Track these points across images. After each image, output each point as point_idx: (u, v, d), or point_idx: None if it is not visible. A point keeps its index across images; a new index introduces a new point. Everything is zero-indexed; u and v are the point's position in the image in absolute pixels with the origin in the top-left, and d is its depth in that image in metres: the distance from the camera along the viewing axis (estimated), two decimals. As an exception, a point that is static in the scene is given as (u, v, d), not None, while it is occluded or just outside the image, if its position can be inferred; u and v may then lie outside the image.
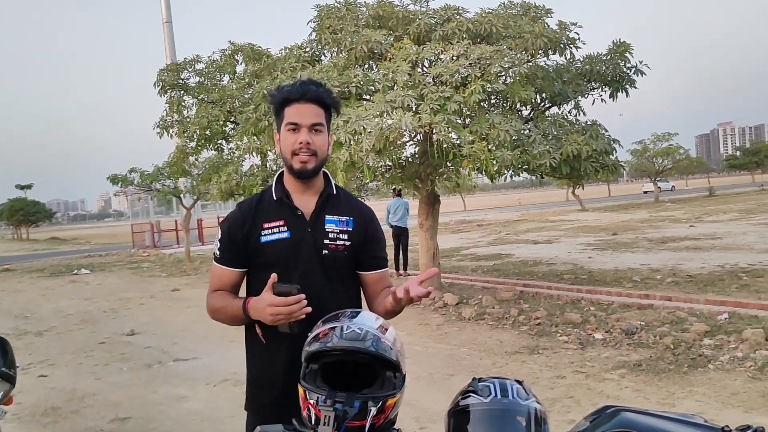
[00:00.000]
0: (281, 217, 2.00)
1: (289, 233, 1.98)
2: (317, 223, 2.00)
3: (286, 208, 2.01)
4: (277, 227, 1.98)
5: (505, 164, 7.80)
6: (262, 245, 1.98)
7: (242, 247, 2.01)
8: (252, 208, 2.04)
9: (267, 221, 2.00)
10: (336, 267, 2.01)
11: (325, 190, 2.06)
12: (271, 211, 2.01)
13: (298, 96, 1.95)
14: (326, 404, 1.52)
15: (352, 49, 8.85)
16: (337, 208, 2.04)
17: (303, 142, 1.93)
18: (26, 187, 61.69)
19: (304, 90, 1.95)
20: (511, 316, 8.08)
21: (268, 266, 1.93)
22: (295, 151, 1.94)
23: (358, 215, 2.06)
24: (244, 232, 2.00)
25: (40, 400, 5.83)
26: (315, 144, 1.95)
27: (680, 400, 4.86)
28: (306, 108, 1.95)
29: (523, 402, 1.62)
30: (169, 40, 30.62)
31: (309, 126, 1.94)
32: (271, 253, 1.98)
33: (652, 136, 40.39)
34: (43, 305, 12.54)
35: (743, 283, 9.14)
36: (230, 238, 2.03)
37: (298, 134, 1.94)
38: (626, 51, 9.63)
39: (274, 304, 1.80)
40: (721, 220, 21.39)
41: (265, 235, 1.98)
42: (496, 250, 16.97)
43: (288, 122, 1.95)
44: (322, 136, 1.98)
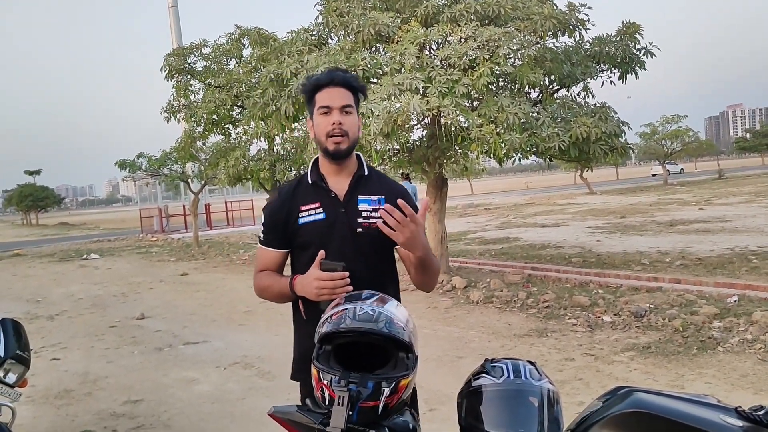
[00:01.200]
0: (317, 199, 2.10)
1: (324, 214, 2.08)
2: (350, 204, 2.08)
3: (321, 191, 2.11)
4: (313, 209, 2.09)
5: (514, 147, 7.76)
6: (300, 227, 2.10)
7: (283, 229, 2.13)
8: (290, 192, 2.16)
9: (304, 204, 2.11)
10: (370, 245, 2.08)
11: (358, 171, 2.15)
12: (307, 194, 2.13)
13: (327, 81, 2.06)
14: (340, 385, 1.53)
15: (359, 32, 8.79)
16: (369, 187, 2.13)
17: (336, 123, 2.03)
18: (35, 172, 62.02)
19: (332, 76, 2.07)
20: (520, 299, 8.09)
21: (306, 247, 2.07)
22: (328, 133, 2.04)
23: (389, 193, 2.11)
24: (283, 215, 2.12)
25: (53, 383, 5.91)
26: (346, 124, 2.05)
27: (689, 382, 4.86)
28: (335, 91, 2.06)
29: (536, 383, 1.62)
30: (175, 25, 30.50)
31: (339, 108, 2.04)
32: (308, 234, 2.09)
33: (661, 118, 40.04)
34: (54, 290, 12.65)
35: (753, 265, 9.10)
36: (272, 221, 2.16)
37: (330, 116, 2.04)
38: (636, 32, 9.52)
39: (320, 278, 1.91)
40: (730, 202, 21.26)
41: (303, 217, 2.10)
42: (504, 234, 16.95)
43: (320, 106, 2.06)
44: (352, 117, 2.07)
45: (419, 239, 1.92)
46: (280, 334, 7.39)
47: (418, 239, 1.91)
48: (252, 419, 4.60)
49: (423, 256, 1.97)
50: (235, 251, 17.82)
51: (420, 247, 1.94)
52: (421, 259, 1.98)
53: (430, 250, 2.03)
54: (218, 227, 30.08)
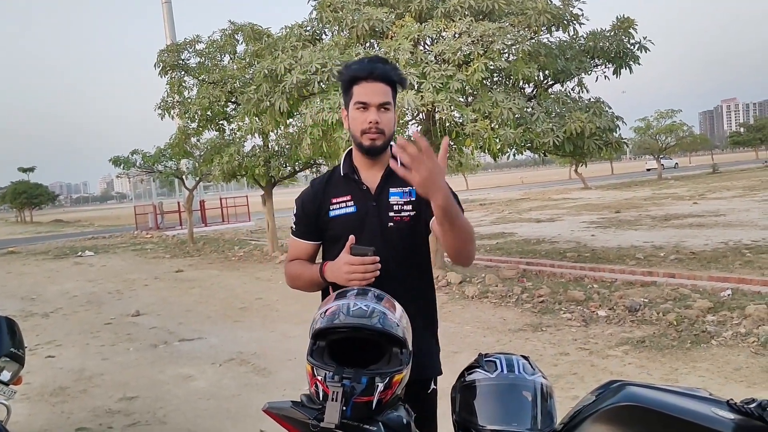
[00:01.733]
0: (348, 192, 2.07)
1: (355, 207, 2.05)
2: (381, 197, 2.04)
3: (353, 184, 2.07)
4: (344, 202, 2.06)
5: (508, 142, 7.78)
6: (331, 219, 2.07)
7: (314, 220, 2.10)
8: (323, 184, 2.13)
9: (335, 196, 2.08)
10: (402, 239, 2.04)
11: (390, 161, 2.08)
12: (339, 187, 2.09)
13: (366, 75, 1.97)
14: (334, 380, 1.54)
15: (353, 27, 8.78)
16: (400, 179, 1.94)
17: (372, 122, 1.96)
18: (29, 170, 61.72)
19: (372, 68, 1.97)
20: (515, 294, 8.11)
21: (337, 239, 2.02)
22: (364, 130, 1.98)
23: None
24: (315, 207, 2.10)
25: (48, 380, 5.90)
26: (383, 123, 1.98)
27: (683, 375, 4.89)
28: (374, 87, 1.97)
29: (529, 377, 1.63)
30: (169, 20, 30.38)
31: (377, 105, 1.97)
32: (338, 226, 2.05)
33: (656, 113, 40.24)
34: (49, 287, 12.61)
35: (747, 259, 9.14)
36: (304, 212, 2.13)
37: (367, 113, 1.97)
38: (630, 27, 9.54)
39: (351, 263, 1.87)
40: (724, 197, 21.34)
41: (333, 210, 2.06)
42: (499, 229, 16.98)
43: (357, 101, 1.98)
44: (389, 114, 2.00)
45: (438, 181, 1.66)
46: (276, 331, 7.40)
47: (436, 180, 1.66)
48: (248, 415, 4.61)
49: (446, 206, 1.71)
50: (231, 248, 17.80)
51: (441, 191, 1.67)
52: (444, 210, 1.72)
53: (456, 204, 1.79)
54: (213, 224, 30.00)
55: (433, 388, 2.08)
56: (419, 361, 1.99)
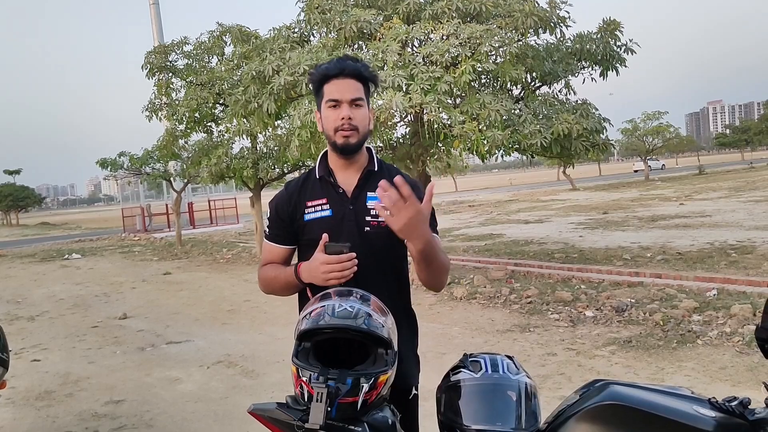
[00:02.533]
0: (324, 195, 2.02)
1: (331, 211, 1.99)
2: (359, 200, 1.99)
3: (329, 186, 2.02)
4: (320, 205, 2.01)
5: (496, 144, 7.80)
6: (306, 223, 2.01)
7: (289, 224, 2.05)
8: (297, 187, 2.08)
9: (311, 199, 2.02)
10: (379, 243, 1.98)
11: (368, 166, 2.04)
12: (315, 190, 2.04)
13: (336, 72, 1.94)
14: (319, 381, 1.53)
15: (341, 29, 8.78)
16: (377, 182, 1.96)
17: (345, 118, 1.92)
18: (14, 172, 61.19)
19: (342, 66, 1.95)
20: (503, 296, 8.14)
21: (312, 244, 1.94)
22: (337, 128, 1.94)
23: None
24: (290, 211, 2.05)
25: (33, 384, 5.84)
26: (356, 119, 1.94)
27: (669, 375, 4.93)
28: (345, 83, 1.94)
29: (514, 377, 1.64)
30: (157, 22, 30.23)
31: (349, 101, 1.93)
32: (314, 230, 1.98)
33: (643, 114, 40.52)
34: (35, 290, 12.51)
35: (732, 259, 9.23)
36: (278, 216, 2.07)
37: (339, 110, 1.93)
38: (616, 29, 9.60)
39: (327, 262, 1.83)
40: (710, 197, 21.52)
41: (309, 213, 2.01)
42: (488, 230, 17.03)
43: (328, 99, 1.95)
44: (362, 110, 1.97)
45: (419, 228, 1.72)
46: (264, 333, 7.38)
47: (417, 227, 1.72)
48: (235, 418, 4.59)
49: (424, 249, 1.78)
50: (219, 250, 17.73)
51: (420, 238, 1.75)
52: (422, 253, 1.79)
53: (436, 244, 1.85)
54: (201, 226, 29.87)
55: (414, 393, 2.05)
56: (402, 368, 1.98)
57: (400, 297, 2.06)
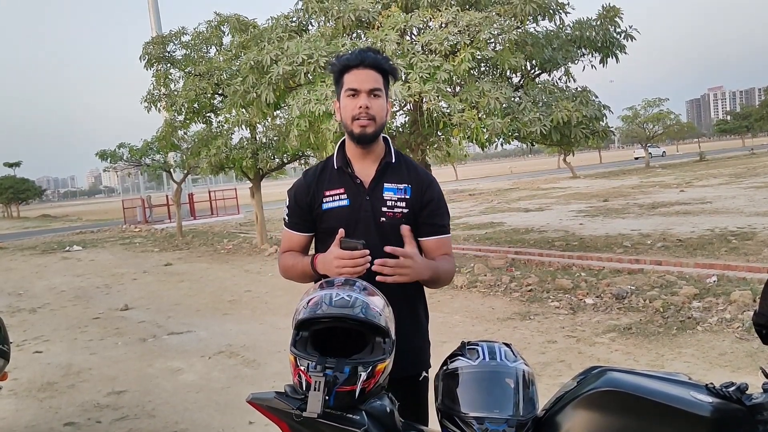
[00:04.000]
0: (342, 184, 2.06)
1: (348, 201, 2.04)
2: (375, 191, 2.03)
3: (347, 176, 2.06)
4: (337, 195, 2.05)
5: (496, 132, 7.78)
6: (324, 212, 2.06)
7: (307, 212, 2.10)
8: (316, 176, 2.12)
9: (329, 189, 2.07)
10: (394, 234, 2.02)
11: (385, 158, 2.08)
12: (332, 179, 2.08)
13: (356, 63, 1.98)
14: (316, 370, 1.54)
15: (339, 17, 8.74)
16: (396, 175, 2.07)
17: (362, 107, 1.96)
18: (15, 164, 61.14)
19: (363, 57, 1.98)
20: (503, 284, 8.15)
21: (330, 232, 2.00)
22: (354, 116, 1.97)
23: (416, 182, 2.08)
24: (308, 199, 2.09)
25: (36, 376, 5.87)
26: (373, 109, 1.97)
27: (669, 361, 4.94)
28: (364, 74, 1.97)
29: (511, 364, 1.64)
30: (155, 12, 30.10)
31: (367, 91, 1.96)
32: (331, 219, 2.04)
33: (643, 101, 40.36)
34: (36, 282, 12.53)
35: (732, 246, 9.23)
36: (297, 204, 2.12)
37: (357, 99, 1.97)
38: (616, 16, 9.55)
39: (341, 257, 1.87)
40: (711, 184, 21.50)
41: (327, 202, 2.06)
42: (488, 219, 17.03)
43: (347, 88, 1.98)
44: (380, 101, 2.00)
45: (419, 270, 1.93)
46: (265, 323, 7.40)
47: (418, 271, 1.93)
48: (237, 407, 4.61)
49: (430, 278, 1.99)
50: (220, 241, 17.74)
51: (424, 274, 1.96)
52: (429, 280, 2.01)
53: (436, 269, 2.02)
54: (202, 217, 29.89)
55: (424, 375, 2.12)
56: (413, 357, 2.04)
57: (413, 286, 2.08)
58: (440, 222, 2.10)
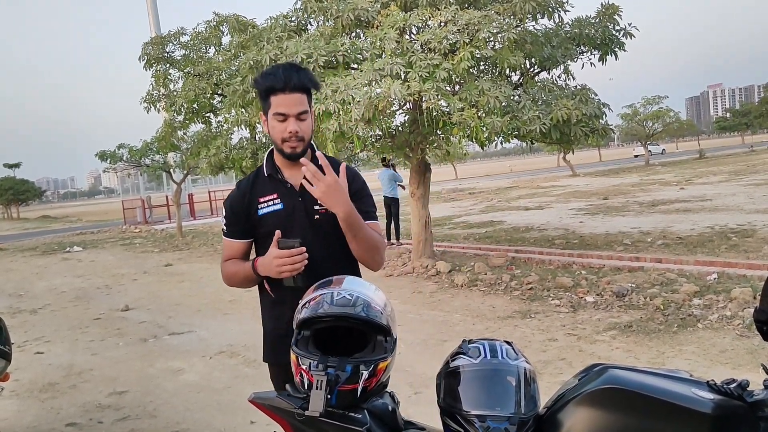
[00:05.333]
0: (274, 190, 2.18)
1: (282, 205, 2.16)
2: (306, 193, 2.09)
3: (278, 182, 2.19)
4: (271, 200, 2.17)
5: (495, 131, 7.77)
6: (260, 217, 2.18)
7: (244, 220, 2.21)
8: (249, 185, 2.24)
9: (262, 195, 2.19)
10: (329, 228, 2.12)
11: (311, 161, 2.15)
12: (265, 186, 2.20)
13: (282, 86, 2.05)
14: (318, 369, 1.54)
15: (338, 17, 8.73)
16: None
17: (292, 132, 2.06)
18: (14, 165, 61.15)
19: (287, 79, 2.05)
20: (503, 282, 8.15)
21: (268, 236, 2.11)
22: (285, 139, 2.08)
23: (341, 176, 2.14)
24: (243, 207, 2.20)
25: (37, 377, 5.87)
26: (302, 131, 2.08)
27: (670, 359, 4.94)
28: (291, 98, 2.06)
29: (513, 362, 1.64)
30: (153, 13, 30.09)
31: (296, 115, 2.07)
32: (268, 223, 2.15)
33: (642, 99, 40.37)
34: (37, 283, 12.53)
35: (732, 243, 9.23)
36: (233, 213, 2.23)
37: (286, 123, 2.07)
38: (615, 13, 9.54)
39: (279, 256, 1.98)
40: (711, 182, 21.49)
41: (262, 208, 2.17)
42: (488, 218, 17.03)
43: (276, 112, 2.07)
44: (307, 121, 2.11)
45: (337, 197, 1.98)
46: (266, 322, 7.40)
47: (335, 194, 1.97)
48: (238, 407, 4.61)
49: (346, 218, 2.00)
50: (220, 241, 17.68)
51: (341, 206, 1.98)
52: (346, 222, 2.01)
53: (357, 214, 2.04)
54: (202, 217, 29.89)
55: None
56: None
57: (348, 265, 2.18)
58: (365, 208, 2.17)
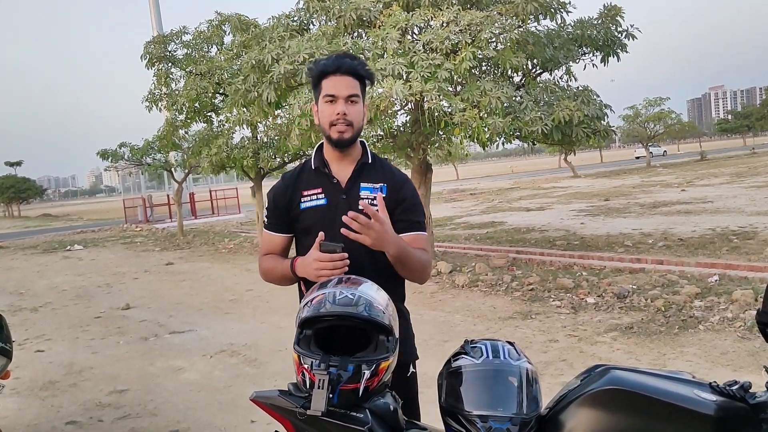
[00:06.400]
0: (319, 184, 2.11)
1: (326, 200, 2.09)
2: (352, 191, 2.07)
3: (324, 177, 2.11)
4: (315, 194, 2.10)
5: (497, 131, 7.77)
6: (302, 211, 2.11)
7: (286, 213, 2.15)
8: (294, 177, 2.18)
9: (306, 189, 2.12)
10: None
11: (362, 159, 2.13)
12: (310, 180, 2.13)
13: (333, 69, 2.02)
14: (320, 368, 1.54)
15: (340, 16, 8.74)
16: (371, 175, 2.11)
17: (340, 113, 2.01)
18: (16, 164, 61.25)
19: (340, 63, 2.03)
20: (504, 283, 8.15)
21: (307, 231, 2.08)
22: (332, 122, 2.02)
23: (391, 181, 2.12)
24: (286, 200, 2.14)
25: (38, 375, 5.87)
26: (351, 114, 2.02)
27: (671, 360, 4.94)
28: (342, 80, 2.02)
29: (515, 362, 1.64)
30: (155, 12, 30.11)
31: (345, 97, 2.01)
32: (309, 218, 2.09)
33: (644, 101, 40.36)
34: (38, 281, 12.54)
35: (734, 245, 9.22)
36: (276, 205, 2.18)
37: (335, 105, 2.01)
38: (617, 15, 9.56)
39: (319, 259, 1.92)
40: (712, 183, 21.48)
41: (305, 202, 2.11)
42: (489, 218, 17.02)
43: (325, 94, 2.03)
44: (357, 106, 2.05)
45: (387, 237, 1.92)
46: (267, 322, 7.40)
47: (385, 238, 1.91)
48: (239, 406, 4.61)
49: (396, 254, 1.96)
50: (221, 240, 17.74)
51: (390, 245, 1.93)
52: (396, 258, 1.97)
53: (405, 250, 1.99)
54: (203, 216, 29.90)
55: (412, 371, 2.16)
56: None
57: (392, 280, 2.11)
58: (415, 218, 2.13)
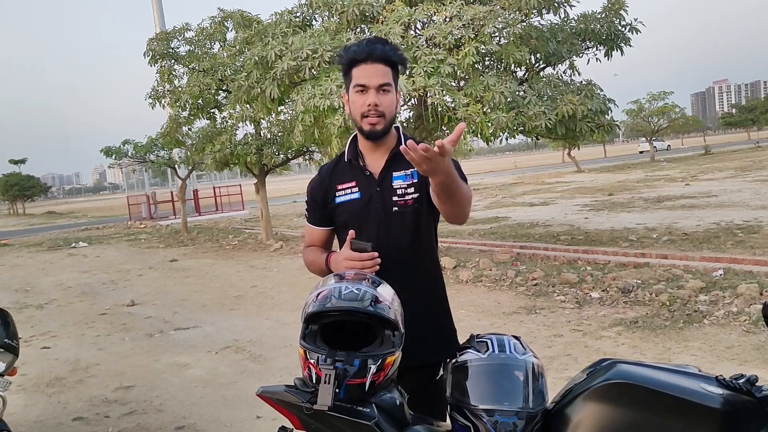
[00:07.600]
0: (353, 178, 2.06)
1: (360, 193, 2.04)
2: (385, 182, 2.02)
3: (357, 170, 2.06)
4: (349, 188, 2.06)
5: (501, 126, 7.76)
6: (337, 206, 2.08)
7: (323, 207, 2.13)
8: (329, 171, 2.14)
9: (341, 183, 2.08)
10: (405, 223, 2.02)
11: (395, 147, 2.04)
12: (344, 173, 2.09)
13: (364, 56, 1.93)
14: (326, 363, 1.54)
15: (343, 12, 8.73)
16: (403, 162, 1.93)
17: (371, 104, 1.93)
18: (20, 161, 61.29)
19: (370, 50, 1.93)
20: (508, 278, 8.14)
21: (344, 225, 2.04)
22: (364, 113, 1.95)
23: None
24: (322, 194, 2.12)
25: (44, 371, 5.90)
26: (383, 105, 1.94)
27: (676, 355, 4.93)
28: (373, 68, 1.93)
29: (521, 357, 1.64)
30: (158, 8, 30.09)
31: (376, 87, 1.93)
32: (345, 212, 2.06)
33: (648, 95, 40.31)
34: (43, 279, 12.58)
35: (738, 239, 9.20)
36: (313, 199, 2.16)
37: (366, 96, 1.93)
38: (621, 8, 9.51)
39: (350, 258, 1.90)
40: (716, 178, 21.42)
41: (339, 196, 2.07)
42: (493, 214, 17.01)
43: (356, 84, 1.95)
44: (389, 96, 1.96)
45: (440, 169, 1.64)
46: (271, 318, 7.42)
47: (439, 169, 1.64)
48: (244, 402, 4.63)
49: (444, 182, 1.72)
50: (225, 236, 17.77)
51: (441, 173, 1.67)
52: (443, 186, 1.74)
53: (456, 176, 1.75)
54: (207, 213, 29.92)
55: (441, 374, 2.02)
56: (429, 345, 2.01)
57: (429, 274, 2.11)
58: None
